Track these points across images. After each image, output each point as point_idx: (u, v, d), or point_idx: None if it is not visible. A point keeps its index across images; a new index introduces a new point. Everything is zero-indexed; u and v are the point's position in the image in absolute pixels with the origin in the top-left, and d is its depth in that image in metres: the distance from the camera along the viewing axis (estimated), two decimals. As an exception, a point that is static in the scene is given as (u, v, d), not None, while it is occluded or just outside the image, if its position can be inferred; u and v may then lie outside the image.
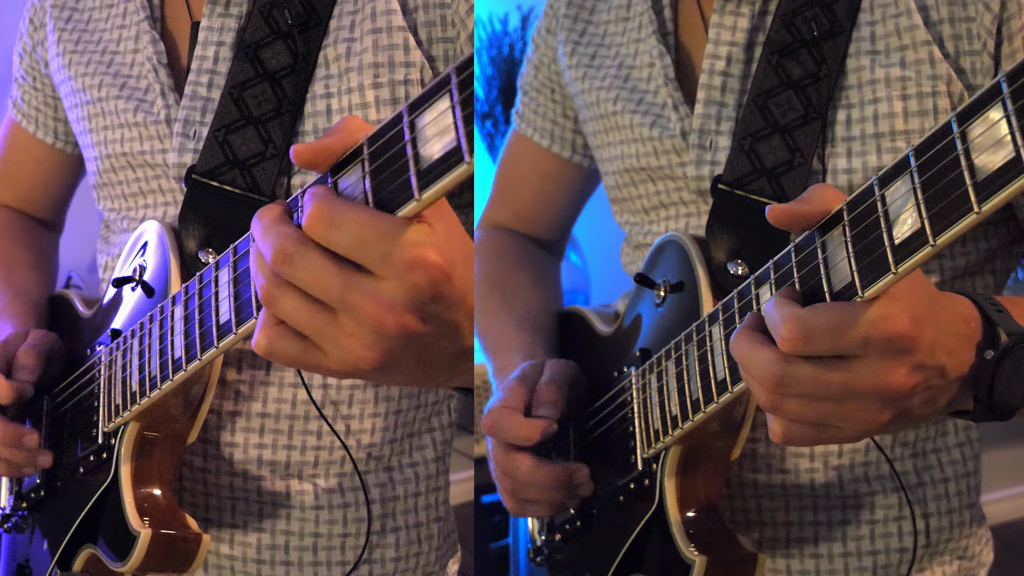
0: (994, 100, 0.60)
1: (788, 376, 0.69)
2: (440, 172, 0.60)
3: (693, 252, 0.96)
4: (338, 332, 0.63)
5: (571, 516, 1.04)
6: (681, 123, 1.02)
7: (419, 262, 0.62)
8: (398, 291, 0.62)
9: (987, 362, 0.73)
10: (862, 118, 0.94)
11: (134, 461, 0.95)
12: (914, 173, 0.64)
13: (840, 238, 0.69)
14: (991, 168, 0.59)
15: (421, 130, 0.62)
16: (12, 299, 1.13)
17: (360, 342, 0.63)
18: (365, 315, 0.62)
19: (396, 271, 0.62)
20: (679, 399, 0.89)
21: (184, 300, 0.85)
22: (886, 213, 0.66)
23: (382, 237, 0.61)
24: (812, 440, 0.73)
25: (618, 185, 1.12)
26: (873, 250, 0.67)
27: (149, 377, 0.89)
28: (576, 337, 1.17)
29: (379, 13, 0.97)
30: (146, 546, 0.92)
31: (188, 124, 1.00)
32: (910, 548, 1.02)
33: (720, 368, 0.83)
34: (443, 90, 0.61)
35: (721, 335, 0.83)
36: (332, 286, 0.62)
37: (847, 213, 0.69)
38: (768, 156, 0.95)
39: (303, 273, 0.63)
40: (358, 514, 1.06)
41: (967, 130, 0.61)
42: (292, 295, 0.64)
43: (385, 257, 0.62)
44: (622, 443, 0.99)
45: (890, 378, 0.68)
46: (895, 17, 0.94)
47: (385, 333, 0.63)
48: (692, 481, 0.92)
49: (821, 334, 0.67)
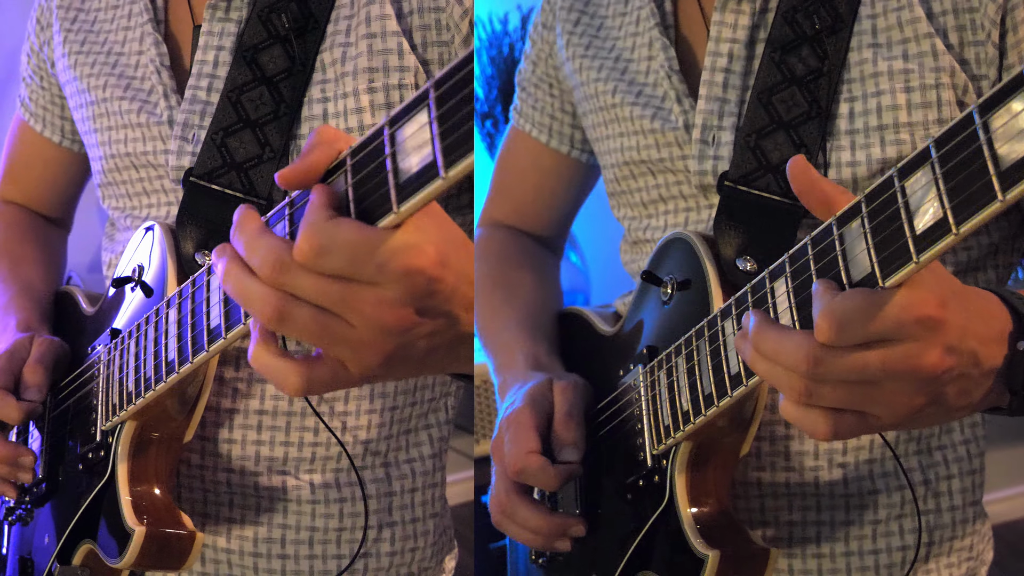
0: (1017, 91, 0.60)
1: (824, 359, 0.68)
2: (417, 186, 0.62)
3: (701, 249, 0.96)
4: (346, 336, 0.66)
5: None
6: (685, 115, 1.02)
7: (414, 267, 0.65)
8: (397, 292, 0.65)
9: (1021, 353, 0.73)
10: (865, 111, 0.94)
11: (130, 460, 0.97)
12: (935, 164, 0.64)
13: (859, 230, 0.70)
14: (1015, 157, 0.60)
15: (401, 143, 0.63)
16: (17, 294, 1.13)
17: (368, 345, 0.67)
18: (366, 315, 0.65)
19: (393, 278, 0.65)
20: (691, 395, 0.88)
21: (178, 303, 0.86)
22: (906, 204, 0.66)
23: (374, 252, 0.64)
24: (856, 430, 0.72)
25: (617, 178, 1.12)
26: (894, 241, 0.67)
27: (144, 378, 0.91)
28: (577, 337, 1.16)
29: (374, 18, 0.98)
30: (140, 543, 0.93)
31: (187, 127, 1.00)
32: (912, 546, 1.02)
33: (734, 362, 0.83)
34: (421, 104, 0.62)
35: (734, 329, 0.83)
36: (332, 292, 0.65)
37: (865, 205, 0.69)
38: (773, 152, 0.95)
39: (303, 281, 0.65)
40: (354, 508, 1.06)
41: (989, 120, 0.61)
42: (301, 307, 0.66)
43: (381, 268, 0.64)
44: (629, 441, 0.98)
45: (924, 359, 0.68)
46: (896, 10, 0.95)
47: (388, 328, 0.66)
48: (702, 477, 0.92)
49: (854, 320, 0.67)
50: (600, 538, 1.01)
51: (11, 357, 1.02)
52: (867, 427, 0.72)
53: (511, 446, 0.97)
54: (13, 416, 0.99)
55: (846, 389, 0.69)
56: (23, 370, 1.02)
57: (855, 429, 0.72)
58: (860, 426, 0.72)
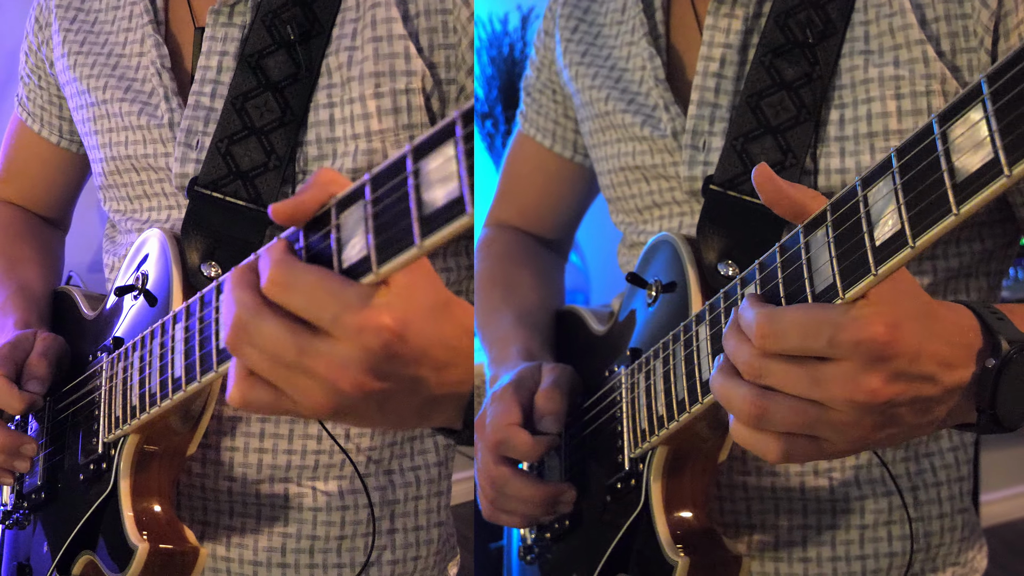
0: (975, 101, 0.59)
1: (764, 368, 0.68)
2: (442, 221, 0.60)
3: (684, 252, 0.95)
4: (296, 387, 0.66)
5: (561, 515, 1.04)
6: (672, 123, 1.02)
7: (370, 325, 0.64)
8: (352, 352, 0.64)
9: (989, 371, 0.71)
10: (855, 118, 0.93)
11: (133, 476, 0.95)
12: (895, 174, 0.64)
13: (824, 238, 0.69)
14: (970, 169, 0.59)
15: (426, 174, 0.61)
16: (14, 293, 1.13)
17: (317, 397, 0.66)
18: (319, 376, 0.65)
19: (348, 332, 0.64)
20: (666, 399, 0.88)
21: (185, 319, 0.84)
22: (868, 214, 0.65)
23: (333, 299, 0.64)
24: (809, 454, 0.70)
25: (613, 184, 1.12)
26: (854, 251, 0.66)
27: (149, 393, 0.88)
28: (571, 335, 1.17)
29: (380, 21, 0.97)
30: (143, 560, 0.92)
31: (191, 134, 0.99)
32: (899, 553, 1.01)
33: (706, 368, 0.82)
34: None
35: (707, 335, 0.83)
36: (288, 350, 0.65)
37: (831, 213, 0.69)
38: (760, 156, 0.95)
39: (260, 339, 0.66)
40: (356, 517, 1.05)
41: (948, 130, 0.60)
42: (253, 350, 0.67)
43: (336, 318, 0.64)
44: (611, 442, 0.98)
45: (861, 383, 0.66)
46: (889, 16, 0.94)
47: (340, 390, 0.66)
48: (679, 482, 0.92)
49: (791, 331, 0.66)
50: (583, 538, 1.01)
51: (14, 348, 1.02)
52: (820, 452, 0.70)
53: (492, 419, 0.98)
54: (15, 405, 0.99)
55: (792, 410, 0.68)
56: (28, 361, 1.02)
57: (808, 453, 0.70)
58: (813, 450, 0.70)
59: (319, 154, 0.97)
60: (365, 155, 0.96)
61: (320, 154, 0.97)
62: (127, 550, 0.93)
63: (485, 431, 0.99)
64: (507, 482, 0.98)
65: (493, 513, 1.01)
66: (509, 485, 0.98)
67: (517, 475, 0.98)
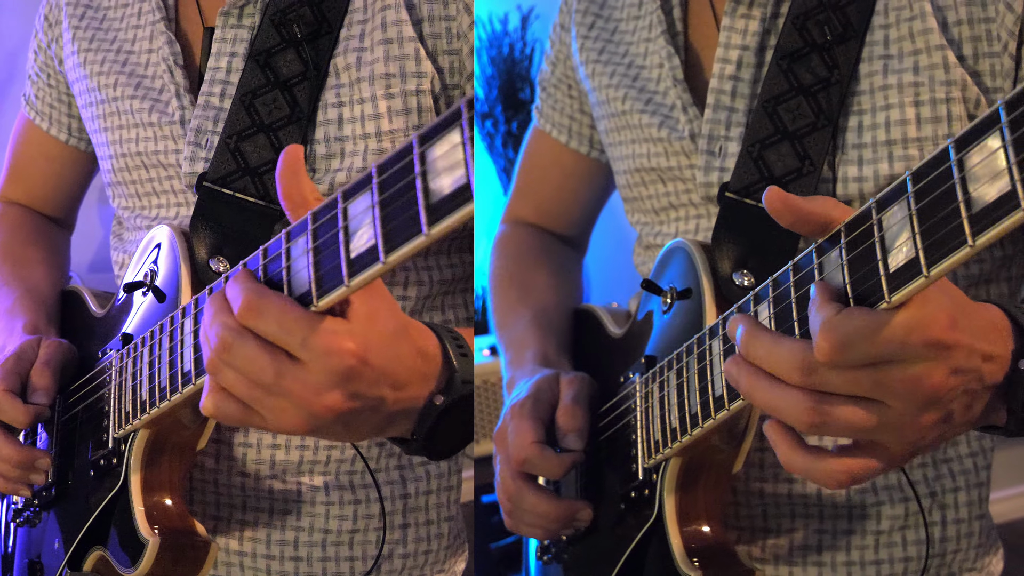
0: (993, 128, 0.58)
1: (819, 369, 0.67)
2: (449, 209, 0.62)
3: (699, 261, 0.94)
4: (271, 408, 0.72)
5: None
6: (690, 125, 1.00)
7: (334, 349, 0.70)
8: (321, 376, 0.70)
9: (1020, 372, 0.71)
10: (874, 125, 0.92)
11: (144, 471, 0.96)
12: (911, 199, 0.62)
13: (837, 260, 0.68)
14: (987, 200, 0.57)
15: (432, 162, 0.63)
16: (23, 296, 1.13)
17: (290, 417, 0.72)
18: (295, 398, 0.71)
19: (315, 356, 0.70)
20: (679, 412, 0.87)
21: (194, 313, 0.84)
22: (882, 239, 0.64)
23: (300, 325, 0.69)
24: (867, 466, 0.72)
25: (629, 184, 1.11)
26: (868, 278, 0.65)
27: (159, 388, 0.89)
28: (588, 337, 1.16)
29: (390, 23, 0.97)
30: (155, 554, 0.93)
31: (200, 133, 1.00)
32: (915, 558, 1.00)
33: (719, 385, 0.81)
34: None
35: (720, 350, 0.82)
36: (267, 372, 0.70)
37: (844, 235, 0.68)
38: (777, 164, 0.93)
39: (240, 361, 0.71)
40: (368, 511, 1.06)
41: (965, 158, 0.59)
42: (232, 372, 0.72)
43: (304, 343, 0.69)
44: (626, 449, 0.98)
45: (929, 380, 0.66)
46: (909, 20, 0.92)
47: (314, 413, 0.72)
48: (692, 494, 0.91)
49: (857, 340, 0.64)
50: (598, 542, 1.01)
51: (18, 359, 1.02)
52: (877, 460, 0.72)
53: (514, 436, 0.98)
54: (20, 419, 0.99)
55: (853, 412, 0.68)
56: (30, 373, 1.01)
57: (866, 465, 0.72)
58: (870, 461, 0.72)
59: (327, 152, 0.97)
60: (375, 155, 0.96)
61: (328, 152, 0.97)
62: (138, 544, 0.93)
63: (507, 448, 0.99)
64: (524, 497, 0.98)
65: (513, 524, 1.02)
66: (525, 500, 0.98)
67: (534, 491, 0.98)
